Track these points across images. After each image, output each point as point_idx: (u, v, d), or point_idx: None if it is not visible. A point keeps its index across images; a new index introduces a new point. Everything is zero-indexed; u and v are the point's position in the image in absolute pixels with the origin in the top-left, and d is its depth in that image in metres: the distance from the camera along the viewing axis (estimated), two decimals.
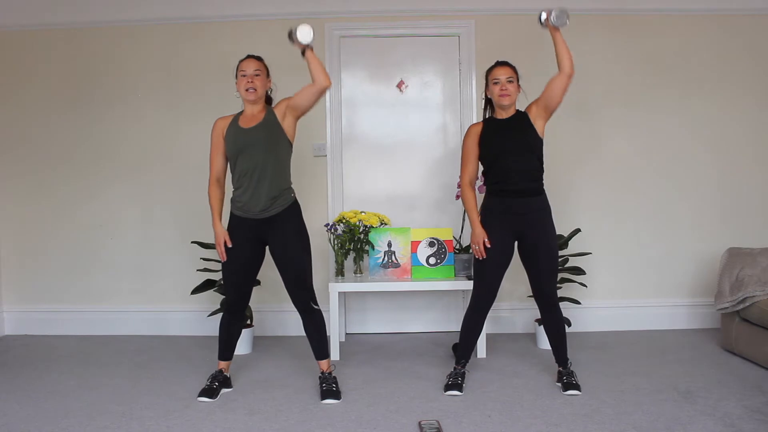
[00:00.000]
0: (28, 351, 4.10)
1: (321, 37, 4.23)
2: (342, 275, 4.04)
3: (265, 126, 3.09)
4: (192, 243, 4.12)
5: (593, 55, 4.39)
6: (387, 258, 3.98)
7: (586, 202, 4.42)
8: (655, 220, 4.45)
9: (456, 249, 4.06)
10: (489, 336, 3.99)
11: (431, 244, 3.98)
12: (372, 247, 3.99)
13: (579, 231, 4.09)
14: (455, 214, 4.37)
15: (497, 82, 3.16)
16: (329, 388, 3.10)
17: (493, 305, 3.29)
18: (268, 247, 3.18)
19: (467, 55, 4.40)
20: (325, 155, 4.42)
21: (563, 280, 3.95)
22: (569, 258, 4.08)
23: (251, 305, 3.77)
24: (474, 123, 3.42)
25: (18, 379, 3.47)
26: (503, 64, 3.21)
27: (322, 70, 2.98)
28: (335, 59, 4.39)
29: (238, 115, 3.18)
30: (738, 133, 4.44)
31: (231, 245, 3.12)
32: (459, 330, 3.34)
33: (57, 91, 4.49)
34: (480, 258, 3.19)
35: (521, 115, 3.20)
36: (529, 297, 3.48)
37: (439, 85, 4.47)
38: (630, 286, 4.45)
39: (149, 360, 3.84)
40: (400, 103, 4.47)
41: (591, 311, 4.36)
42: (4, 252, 4.58)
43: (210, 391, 3.12)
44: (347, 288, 3.93)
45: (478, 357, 3.75)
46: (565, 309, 3.72)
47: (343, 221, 3.98)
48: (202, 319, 4.34)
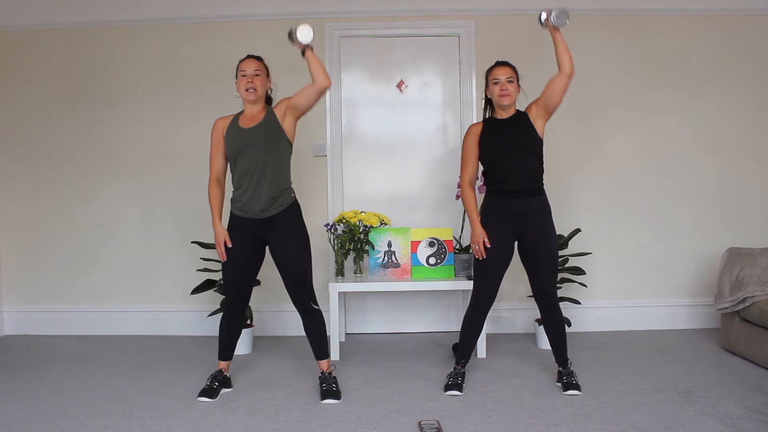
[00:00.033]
0: (28, 351, 4.10)
1: (321, 37, 4.23)
2: (342, 275, 4.04)
3: (265, 126, 3.09)
4: (192, 243, 4.12)
5: (593, 55, 4.39)
6: (387, 258, 3.98)
7: (586, 202, 4.42)
8: (655, 220, 4.45)
9: (456, 249, 4.06)
10: (489, 336, 3.99)
11: (431, 244, 3.98)
12: (372, 247, 3.99)
13: (579, 231, 4.09)
14: (455, 214, 4.37)
15: (497, 82, 3.16)
16: (329, 388, 3.10)
17: (493, 305, 3.29)
18: (268, 247, 3.18)
19: (467, 55, 4.39)
20: (325, 155, 4.42)
21: (563, 280, 3.95)
22: (569, 258, 4.08)
23: (251, 305, 3.77)
24: (474, 123, 3.42)
25: (18, 379, 3.47)
26: (503, 64, 3.21)
27: (322, 70, 2.97)
28: (335, 59, 4.39)
29: (238, 115, 3.18)
30: (738, 133, 4.44)
31: (231, 245, 3.12)
32: (459, 330, 3.34)
33: (57, 91, 4.49)
34: (480, 258, 3.19)
35: (521, 115, 3.20)
36: (529, 297, 3.48)
37: (439, 85, 4.47)
38: (630, 286, 4.45)
39: (149, 360, 3.84)
40: (400, 103, 4.47)
41: (591, 311, 4.36)
42: (4, 252, 4.58)
43: (210, 391, 3.12)
44: (347, 288, 3.93)
45: (478, 357, 3.75)
46: (565, 309, 3.72)
47: (343, 221, 3.98)
48: (202, 319, 4.34)
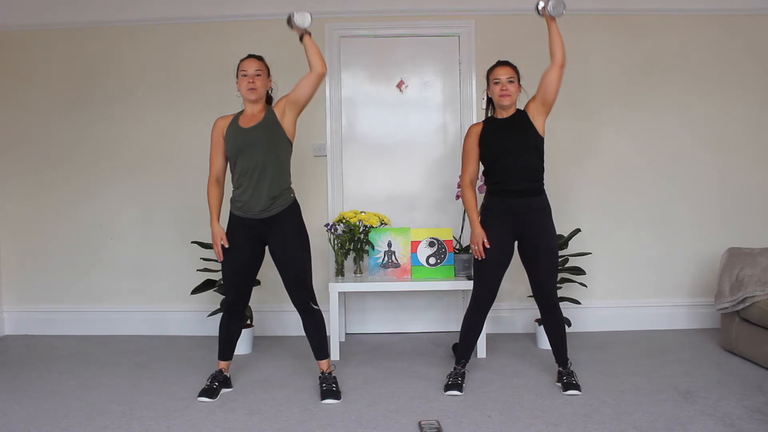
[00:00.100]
0: (28, 351, 4.10)
1: (321, 37, 4.23)
2: (342, 275, 4.04)
3: (265, 125, 3.09)
4: (192, 243, 4.12)
5: (593, 55, 4.39)
6: (387, 258, 3.98)
7: (586, 202, 4.42)
8: (655, 220, 4.44)
9: (456, 249, 4.06)
10: (489, 336, 3.99)
11: (431, 244, 3.98)
12: (372, 247, 3.99)
13: (579, 231, 4.09)
14: (455, 214, 4.37)
15: (498, 82, 3.16)
16: (329, 388, 3.10)
17: (493, 305, 3.29)
18: (267, 247, 3.18)
19: (467, 55, 4.39)
20: (325, 155, 4.42)
21: (563, 280, 3.95)
22: (569, 258, 4.08)
23: (251, 305, 3.76)
24: (474, 123, 3.42)
25: (18, 379, 3.47)
26: (504, 63, 3.21)
27: (319, 56, 3.00)
28: (335, 59, 4.38)
29: (238, 115, 3.18)
30: (738, 133, 4.44)
31: (227, 245, 3.12)
32: (459, 330, 3.34)
33: (57, 91, 4.49)
34: (479, 258, 3.19)
35: (521, 114, 3.20)
36: (529, 297, 3.48)
37: (439, 85, 4.47)
38: (630, 286, 4.45)
39: (149, 360, 3.84)
40: (400, 103, 4.47)
41: (591, 311, 4.36)
42: (4, 252, 4.58)
43: (210, 391, 3.12)
44: (347, 288, 3.93)
45: (478, 357, 3.75)
46: (565, 309, 3.71)
47: (343, 221, 3.98)
48: (202, 319, 4.34)
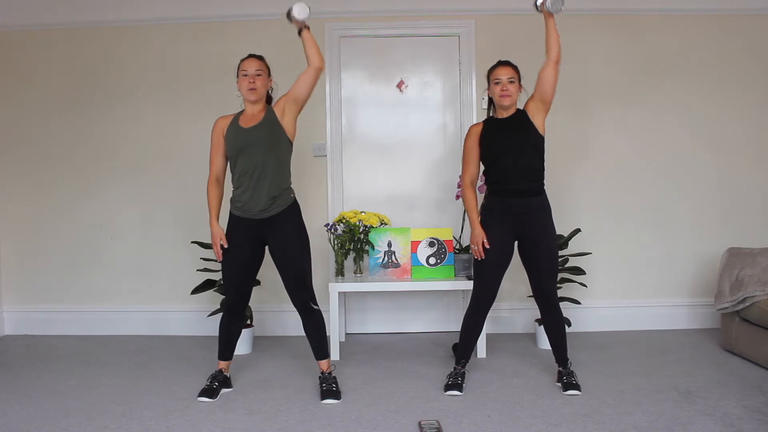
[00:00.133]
0: (28, 351, 4.10)
1: (321, 37, 4.22)
2: (342, 275, 4.04)
3: (265, 125, 3.08)
4: (192, 243, 4.12)
5: (593, 55, 4.39)
6: (387, 258, 3.98)
7: (586, 202, 4.42)
8: (655, 220, 4.44)
9: (456, 249, 4.06)
10: (489, 336, 3.99)
11: (431, 244, 3.98)
12: (372, 247, 3.99)
13: (579, 231, 4.09)
14: (455, 214, 4.37)
15: (498, 82, 3.16)
16: (329, 388, 3.10)
17: (493, 305, 3.29)
18: (267, 247, 3.18)
19: (467, 55, 4.39)
20: (325, 155, 4.42)
21: (563, 280, 3.95)
22: (569, 258, 4.08)
23: (251, 305, 3.76)
24: (474, 123, 3.42)
25: (18, 379, 3.47)
26: (505, 63, 3.21)
27: (316, 50, 3.01)
28: (335, 59, 4.39)
29: (238, 115, 3.18)
30: (738, 133, 4.44)
31: (226, 245, 3.12)
32: (459, 330, 3.34)
33: (57, 91, 4.49)
34: (479, 259, 3.19)
35: (520, 114, 3.20)
36: (529, 297, 3.48)
37: (439, 85, 4.47)
38: (630, 286, 4.45)
39: (149, 360, 3.84)
40: (400, 103, 4.47)
41: (591, 311, 4.36)
42: (4, 252, 4.58)
43: (210, 391, 3.11)
44: (347, 288, 3.93)
45: (478, 357, 3.75)
46: (565, 309, 3.71)
47: (343, 221, 3.98)
48: (202, 319, 4.34)
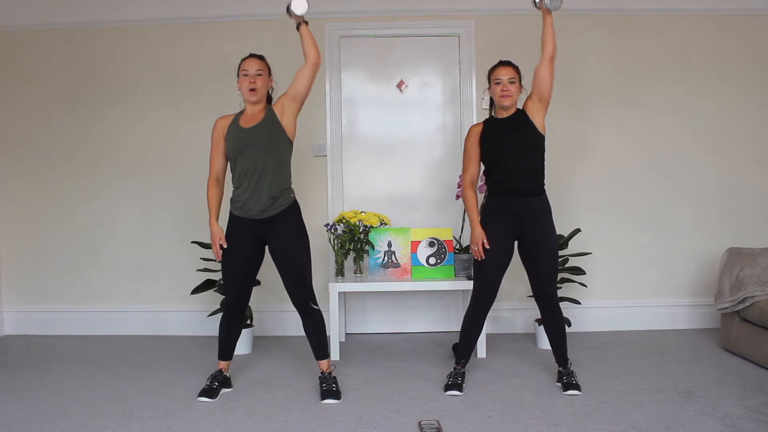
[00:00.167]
0: (28, 351, 4.10)
1: (321, 37, 4.22)
2: (342, 275, 4.04)
3: (265, 125, 3.08)
4: (192, 243, 4.12)
5: (593, 55, 4.39)
6: (387, 258, 3.98)
7: (586, 202, 4.42)
8: (655, 220, 4.44)
9: (456, 249, 4.06)
10: (489, 336, 3.99)
11: (431, 244, 3.98)
12: (372, 247, 3.99)
13: (579, 231, 4.09)
14: (455, 214, 4.37)
15: (499, 82, 3.15)
16: (329, 388, 3.10)
17: (493, 305, 3.29)
18: (267, 247, 3.17)
19: (467, 55, 4.39)
20: (325, 155, 4.42)
21: (563, 280, 3.95)
22: (569, 258, 4.08)
23: (251, 305, 3.76)
24: (474, 124, 3.42)
25: (18, 379, 3.47)
26: (506, 64, 3.20)
27: (313, 46, 3.03)
28: (335, 59, 4.39)
29: (239, 115, 3.18)
30: (738, 133, 4.44)
31: (226, 246, 3.12)
32: (459, 330, 3.34)
33: (57, 91, 4.49)
34: (479, 259, 3.19)
35: (520, 114, 3.19)
36: (529, 297, 3.48)
37: (439, 85, 4.47)
38: (630, 286, 4.45)
39: (149, 360, 3.84)
40: (400, 103, 4.47)
41: (591, 311, 4.35)
42: (4, 252, 4.58)
43: (210, 391, 3.11)
44: (347, 288, 3.93)
45: (478, 357, 3.75)
46: (565, 309, 3.71)
47: (343, 221, 3.97)
48: (202, 319, 4.34)
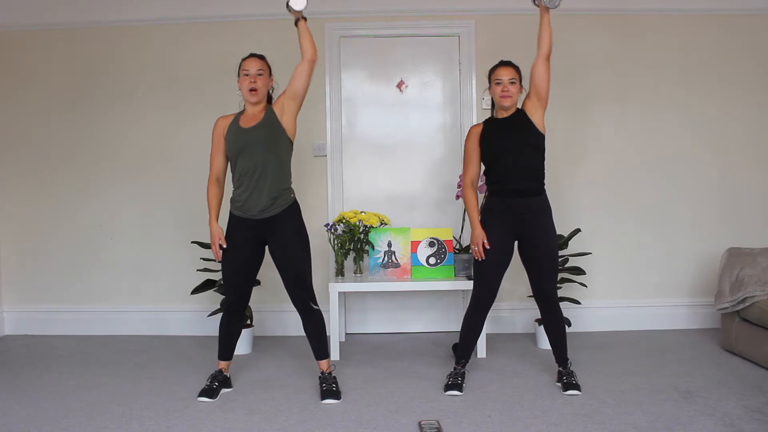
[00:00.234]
0: (28, 351, 4.10)
1: (321, 37, 4.23)
2: (342, 275, 4.04)
3: (265, 125, 3.08)
4: (192, 243, 4.12)
5: (593, 55, 4.39)
6: (387, 258, 3.98)
7: (586, 202, 4.42)
8: (655, 220, 4.44)
9: (456, 249, 4.06)
10: (489, 336, 3.99)
11: (431, 244, 3.98)
12: (372, 247, 3.99)
13: (579, 231, 4.09)
14: (455, 214, 4.37)
15: (499, 82, 3.15)
16: (329, 388, 3.10)
17: (493, 305, 3.29)
18: (267, 248, 3.17)
19: (467, 55, 4.39)
20: (325, 155, 4.42)
21: (563, 280, 3.95)
22: (569, 258, 4.08)
23: (251, 305, 3.76)
24: (474, 124, 3.42)
25: (18, 379, 3.47)
26: (506, 64, 3.20)
27: (310, 42, 3.04)
28: (335, 59, 4.39)
29: (239, 115, 3.17)
30: (738, 133, 4.44)
31: (225, 245, 3.12)
32: (459, 330, 3.34)
33: (57, 91, 4.49)
34: (479, 259, 3.19)
35: (519, 113, 3.19)
36: (529, 297, 3.48)
37: (439, 85, 4.47)
38: (630, 286, 4.45)
39: (149, 360, 3.84)
40: (400, 103, 4.47)
41: (591, 311, 4.35)
42: (4, 252, 4.58)
43: (210, 391, 3.11)
44: (347, 288, 3.93)
45: (478, 357, 3.75)
46: (565, 309, 3.71)
47: (343, 221, 3.97)
48: (202, 319, 4.34)
